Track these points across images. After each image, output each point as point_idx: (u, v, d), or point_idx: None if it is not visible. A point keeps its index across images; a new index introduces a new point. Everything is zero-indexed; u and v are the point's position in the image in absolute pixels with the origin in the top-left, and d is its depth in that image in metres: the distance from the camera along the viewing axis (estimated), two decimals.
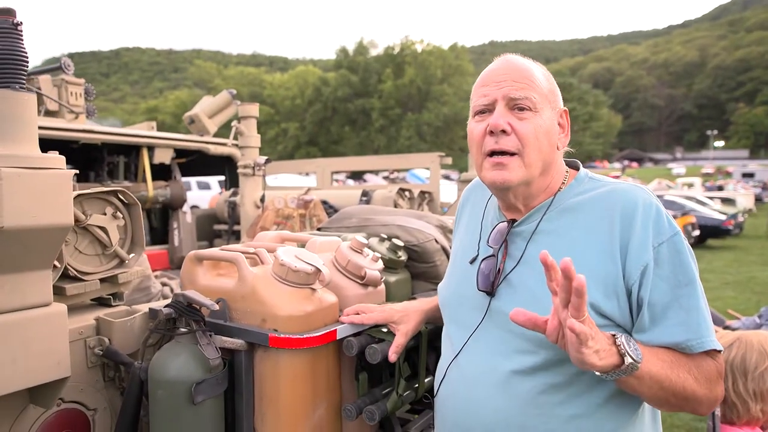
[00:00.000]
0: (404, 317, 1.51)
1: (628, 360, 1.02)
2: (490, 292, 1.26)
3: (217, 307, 1.37)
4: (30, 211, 1.13)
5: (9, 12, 1.14)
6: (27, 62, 1.16)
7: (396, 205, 3.15)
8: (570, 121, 1.35)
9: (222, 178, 4.84)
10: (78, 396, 1.44)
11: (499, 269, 1.26)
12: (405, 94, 60.32)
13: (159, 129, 4.11)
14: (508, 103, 1.21)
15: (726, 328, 5.02)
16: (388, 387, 1.54)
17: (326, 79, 64.19)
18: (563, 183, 1.29)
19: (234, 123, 2.86)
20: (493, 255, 1.29)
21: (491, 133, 1.21)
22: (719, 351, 1.15)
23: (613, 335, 1.04)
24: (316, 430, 1.43)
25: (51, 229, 1.18)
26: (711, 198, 19.78)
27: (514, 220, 1.30)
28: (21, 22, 1.15)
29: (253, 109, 2.88)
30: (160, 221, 4.20)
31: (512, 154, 1.21)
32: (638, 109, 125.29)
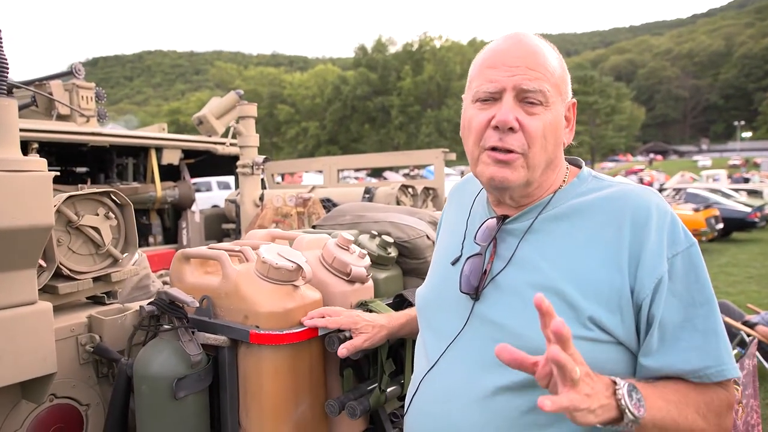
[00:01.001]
0: (368, 327, 1.45)
1: (627, 417, 0.88)
2: (474, 295, 1.12)
3: (197, 303, 1.40)
4: (11, 213, 1.17)
5: None
6: (7, 68, 1.20)
7: (399, 202, 3.16)
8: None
9: None
10: (70, 392, 1.48)
11: (485, 270, 1.12)
12: (424, 91, 60.16)
13: (181, 130, 4.18)
14: (518, 94, 1.06)
15: (745, 323, 4.94)
16: (374, 383, 1.55)
17: (345, 77, 64.41)
18: (564, 181, 1.16)
19: (232, 123, 2.90)
20: (479, 253, 1.15)
21: (496, 127, 1.08)
22: (735, 378, 1.01)
23: (614, 383, 0.90)
24: (300, 425, 1.45)
25: (33, 230, 1.22)
26: (737, 190, 19.34)
27: (506, 217, 1.16)
28: None
29: (251, 109, 2.92)
30: (173, 221, 4.28)
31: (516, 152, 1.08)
32: (662, 101, 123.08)
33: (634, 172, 40.97)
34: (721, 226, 13.95)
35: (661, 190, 18.91)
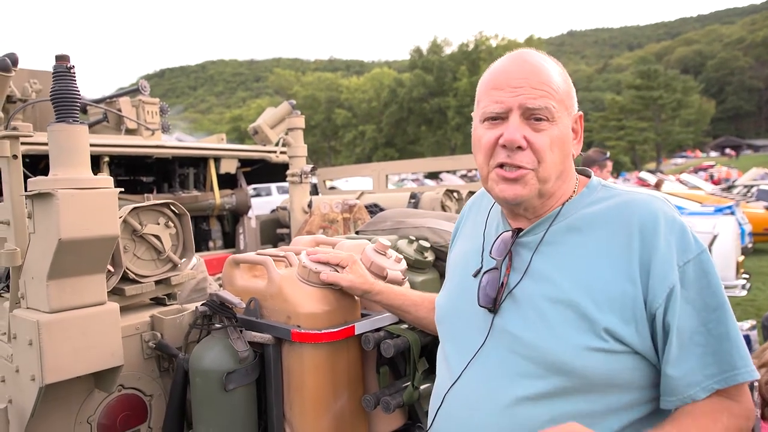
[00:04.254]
0: (357, 270, 1.58)
1: None
2: (493, 308, 1.16)
3: (243, 305, 1.53)
4: (83, 225, 1.34)
5: (64, 58, 1.35)
6: (79, 99, 1.37)
7: (444, 207, 3.23)
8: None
9: None
10: (136, 383, 1.66)
11: (502, 283, 1.16)
12: None
13: (242, 137, 4.37)
14: (524, 113, 1.11)
15: None
16: (408, 380, 1.65)
17: (401, 80, 64.51)
18: (574, 191, 1.19)
19: (281, 135, 3.06)
20: (495, 268, 1.18)
21: (504, 146, 1.12)
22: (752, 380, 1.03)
23: None
24: (339, 418, 1.57)
25: (101, 240, 1.39)
26: None
27: (519, 230, 1.20)
28: (74, 66, 1.36)
29: (299, 121, 3.07)
30: (231, 227, 4.51)
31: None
32: (734, 93, 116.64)
33: (702, 169, 39.17)
34: None
35: (731, 187, 18.01)
